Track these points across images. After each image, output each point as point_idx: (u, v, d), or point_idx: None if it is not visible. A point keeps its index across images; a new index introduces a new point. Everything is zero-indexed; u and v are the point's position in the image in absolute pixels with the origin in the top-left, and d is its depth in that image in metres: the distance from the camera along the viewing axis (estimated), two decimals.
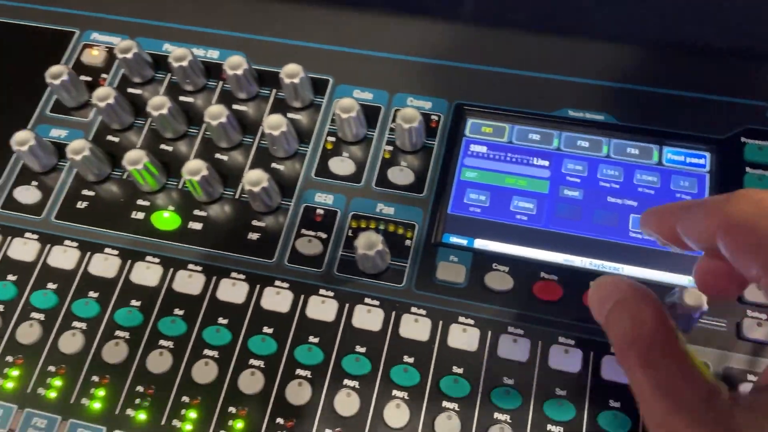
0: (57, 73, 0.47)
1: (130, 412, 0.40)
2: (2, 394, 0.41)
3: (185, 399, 0.40)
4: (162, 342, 0.41)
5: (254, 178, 0.43)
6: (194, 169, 0.43)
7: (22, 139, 0.45)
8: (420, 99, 0.48)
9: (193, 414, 0.39)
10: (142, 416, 0.40)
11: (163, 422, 0.39)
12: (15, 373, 0.41)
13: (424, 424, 0.38)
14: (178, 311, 0.42)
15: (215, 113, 0.45)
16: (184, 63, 0.47)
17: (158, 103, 0.46)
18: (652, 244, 0.43)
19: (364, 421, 0.39)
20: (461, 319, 0.41)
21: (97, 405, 0.40)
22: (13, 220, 0.46)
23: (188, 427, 0.39)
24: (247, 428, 0.39)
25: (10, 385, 0.41)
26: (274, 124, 0.44)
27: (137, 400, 0.40)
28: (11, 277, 0.44)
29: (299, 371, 0.40)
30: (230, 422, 0.39)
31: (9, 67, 0.52)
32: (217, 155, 0.47)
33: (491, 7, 0.50)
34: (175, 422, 0.39)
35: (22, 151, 0.45)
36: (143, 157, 0.44)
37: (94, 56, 0.51)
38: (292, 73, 0.46)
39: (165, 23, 0.53)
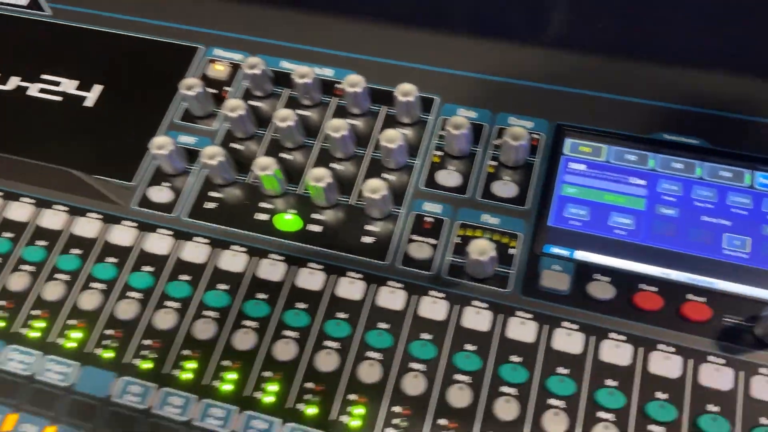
0: (191, 85, 0.52)
1: (258, 394, 0.44)
2: (142, 374, 0.45)
3: (309, 385, 0.43)
4: (286, 332, 0.45)
5: (374, 186, 0.47)
6: (319, 176, 0.47)
7: (161, 144, 0.50)
8: (521, 119, 0.52)
9: (316, 399, 0.43)
10: (269, 399, 0.43)
11: (288, 405, 0.43)
12: (154, 355, 0.45)
13: (533, 421, 0.41)
14: (300, 305, 0.46)
15: (337, 126, 0.49)
16: (308, 80, 0.52)
17: (284, 116, 0.50)
18: (746, 261, 0.45)
19: (474, 414, 0.42)
20: (565, 324, 0.44)
21: (227, 387, 0.44)
22: (148, 217, 0.50)
23: (311, 410, 0.43)
24: (366, 414, 0.42)
25: (147, 366, 0.45)
26: (391, 137, 0.48)
27: (265, 384, 0.44)
28: (148, 269, 0.48)
29: (413, 365, 0.44)
30: (349, 408, 0.43)
31: (139, 78, 0.57)
32: (332, 165, 0.52)
33: (591, 34, 0.54)
34: (300, 405, 0.43)
35: (161, 155, 0.50)
36: (273, 164, 0.48)
37: (218, 70, 0.56)
38: (406, 91, 0.50)
39: (281, 42, 0.58)
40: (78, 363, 0.45)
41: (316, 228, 0.49)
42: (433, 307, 0.45)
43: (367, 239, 0.48)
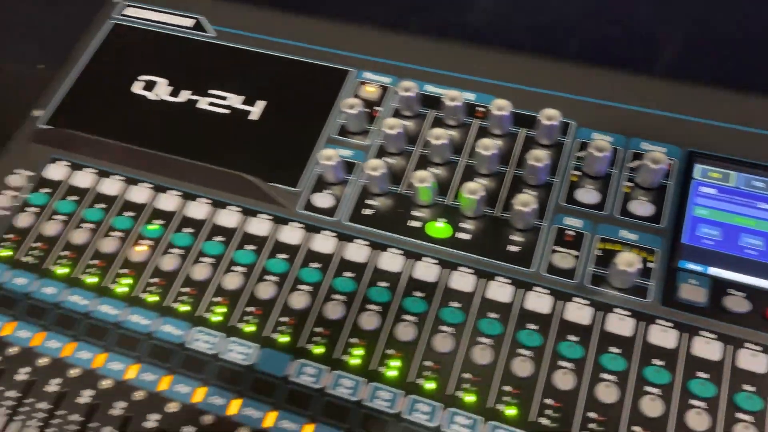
0: (351, 104, 0.58)
1: (420, 381, 0.49)
2: (315, 357, 0.51)
3: (467, 375, 0.49)
4: (443, 327, 0.50)
5: (525, 200, 0.52)
6: (474, 189, 0.53)
7: (328, 155, 0.56)
8: (654, 144, 0.56)
9: (473, 388, 0.48)
10: (429, 385, 0.48)
11: (447, 392, 0.48)
12: (324, 341, 0.51)
13: (677, 418, 0.45)
14: (454, 304, 0.51)
15: (487, 145, 0.55)
16: (457, 103, 0.57)
17: (438, 134, 0.56)
18: None
19: (621, 409, 0.46)
20: (703, 333, 0.48)
21: (392, 373, 0.49)
22: (312, 220, 0.57)
23: (469, 398, 0.48)
24: (520, 404, 0.47)
25: (318, 350, 0.51)
26: (538, 157, 0.53)
27: (426, 372, 0.49)
28: (316, 265, 0.54)
29: (562, 362, 0.48)
30: (505, 398, 0.47)
31: (297, 96, 0.64)
32: (476, 179, 0.57)
33: (717, 68, 0.58)
34: (458, 393, 0.48)
35: (328, 165, 0.56)
36: (430, 177, 0.54)
37: (369, 92, 0.62)
38: (551, 116, 0.55)
39: (423, 67, 0.64)
40: (257, 345, 0.51)
41: (464, 236, 0.54)
42: (579, 312, 0.50)
43: (513, 248, 0.53)
